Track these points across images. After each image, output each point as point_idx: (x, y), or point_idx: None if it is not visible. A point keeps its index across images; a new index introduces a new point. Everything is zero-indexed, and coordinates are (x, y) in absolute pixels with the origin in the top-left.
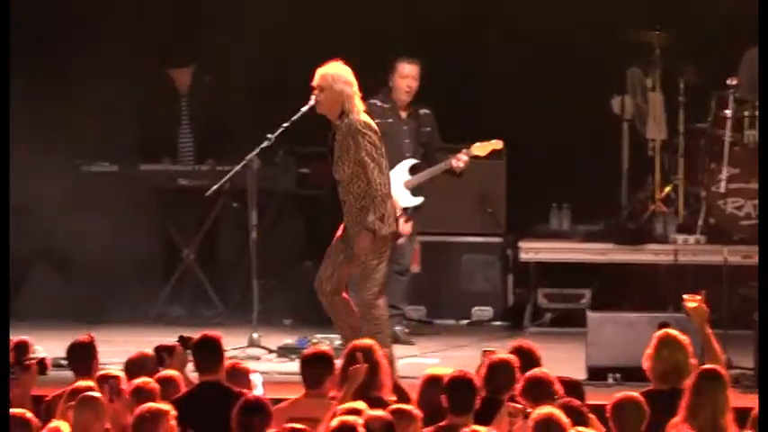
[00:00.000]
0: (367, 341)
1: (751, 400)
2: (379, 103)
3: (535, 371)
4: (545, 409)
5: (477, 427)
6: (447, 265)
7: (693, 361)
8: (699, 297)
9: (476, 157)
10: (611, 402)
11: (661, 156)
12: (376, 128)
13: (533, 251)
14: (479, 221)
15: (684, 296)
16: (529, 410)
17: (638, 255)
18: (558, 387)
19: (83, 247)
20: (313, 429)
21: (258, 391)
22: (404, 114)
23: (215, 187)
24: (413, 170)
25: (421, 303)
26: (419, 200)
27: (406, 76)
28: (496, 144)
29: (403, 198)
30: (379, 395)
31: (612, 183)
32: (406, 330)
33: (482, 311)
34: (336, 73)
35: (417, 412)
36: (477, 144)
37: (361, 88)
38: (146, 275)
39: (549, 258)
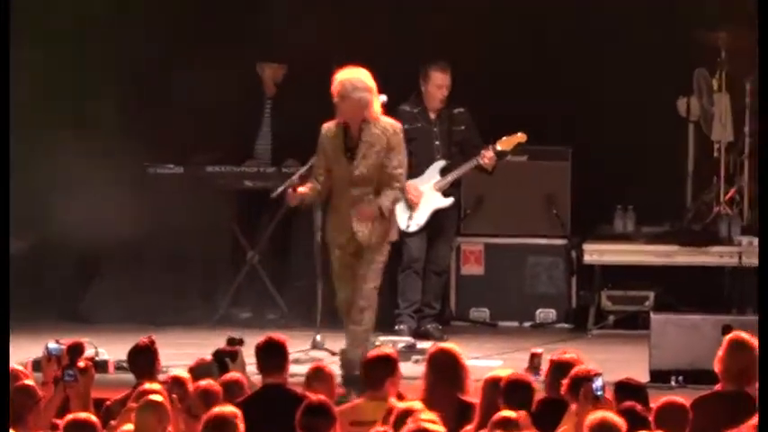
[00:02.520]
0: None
1: None
2: (408, 109)
3: (581, 368)
4: (599, 414)
5: None
6: (511, 267)
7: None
8: None
9: (502, 152)
10: (655, 406)
11: (726, 157)
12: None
13: (597, 253)
14: (544, 223)
15: None
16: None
17: (703, 257)
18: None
19: (149, 250)
20: None
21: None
22: (433, 116)
23: (280, 189)
24: (444, 172)
25: (485, 305)
26: (449, 200)
27: (441, 85)
28: (521, 137)
29: (434, 200)
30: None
31: (677, 184)
32: (439, 327)
33: (546, 313)
34: (354, 79)
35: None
36: (503, 138)
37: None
38: (211, 278)
39: (613, 260)
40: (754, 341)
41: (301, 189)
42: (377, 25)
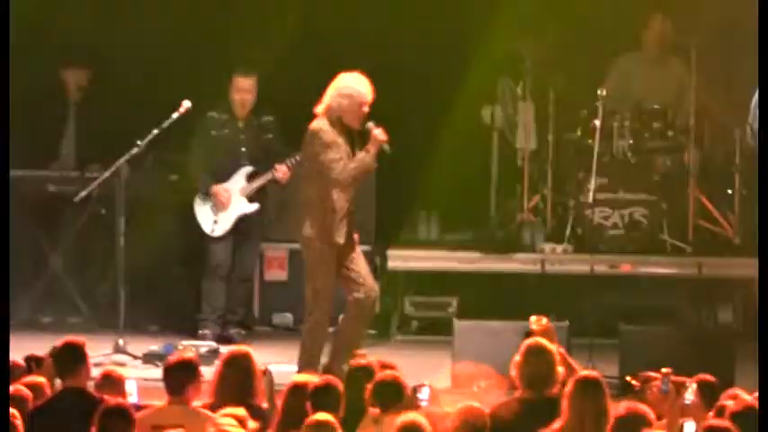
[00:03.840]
0: (244, 348)
1: (615, 408)
2: (216, 116)
3: (386, 373)
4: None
5: None
6: None
7: (561, 369)
8: (544, 320)
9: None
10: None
11: (530, 165)
12: None
13: (401, 259)
14: None
15: (531, 319)
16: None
17: (506, 264)
18: (409, 392)
19: None
20: None
21: (133, 398)
22: (241, 124)
23: (83, 193)
24: (250, 178)
25: (288, 311)
26: (255, 206)
27: (240, 89)
28: None
29: (240, 205)
30: (256, 403)
31: (481, 192)
32: (242, 332)
33: None
34: (338, 86)
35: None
36: None
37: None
38: (15, 282)
39: (417, 267)
40: (552, 347)
41: None
42: (182, 29)
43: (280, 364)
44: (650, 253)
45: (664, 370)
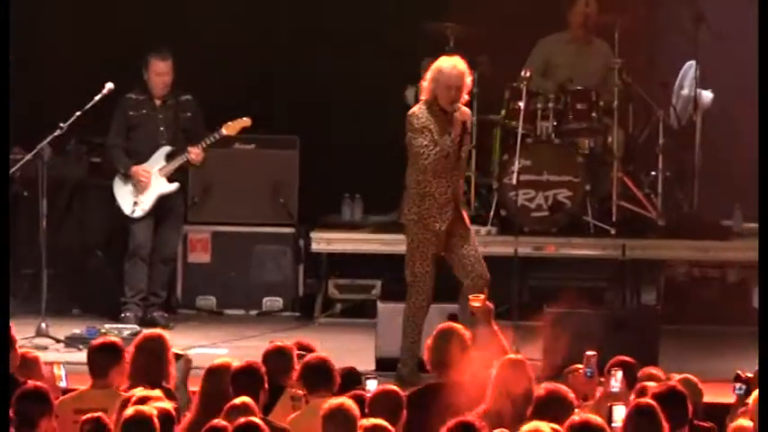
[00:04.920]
0: (157, 331)
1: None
2: (133, 96)
3: (313, 356)
4: (337, 400)
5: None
6: (238, 256)
7: (473, 353)
8: (482, 296)
9: (227, 136)
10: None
11: None
12: None
13: (325, 242)
14: (272, 212)
15: (469, 296)
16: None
17: None
18: (337, 374)
19: None
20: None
21: (62, 383)
22: (158, 103)
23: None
24: (169, 158)
25: (211, 293)
26: (175, 186)
27: (161, 73)
28: (246, 122)
29: (159, 185)
30: (168, 385)
31: (404, 173)
32: (165, 315)
33: (273, 302)
34: (431, 69)
35: None
36: (228, 123)
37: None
38: None
39: (341, 249)
40: (464, 331)
41: None
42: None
43: (203, 348)
44: (574, 235)
45: (588, 353)
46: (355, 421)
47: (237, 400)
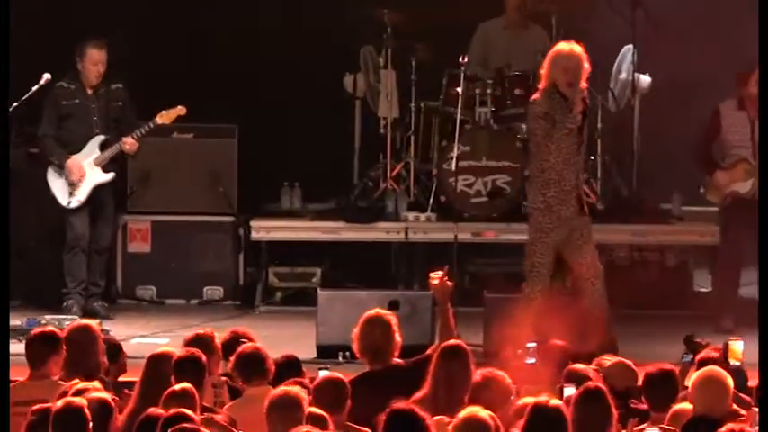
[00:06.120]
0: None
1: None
2: (65, 85)
3: (247, 345)
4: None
5: None
6: (178, 245)
7: (397, 340)
8: (441, 273)
9: (162, 125)
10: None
11: (393, 134)
12: None
13: (264, 230)
14: (211, 201)
15: (431, 273)
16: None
17: (369, 233)
18: (271, 364)
19: None
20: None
21: None
22: (90, 92)
23: None
24: (103, 147)
25: (151, 283)
26: (110, 176)
27: (97, 62)
28: (181, 110)
29: (94, 175)
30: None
31: (344, 161)
32: (105, 305)
33: (213, 291)
34: (551, 52)
35: None
36: (163, 112)
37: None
38: None
39: (281, 237)
40: (391, 317)
41: None
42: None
43: (144, 338)
44: (514, 220)
45: (529, 345)
46: (302, 409)
47: (177, 387)
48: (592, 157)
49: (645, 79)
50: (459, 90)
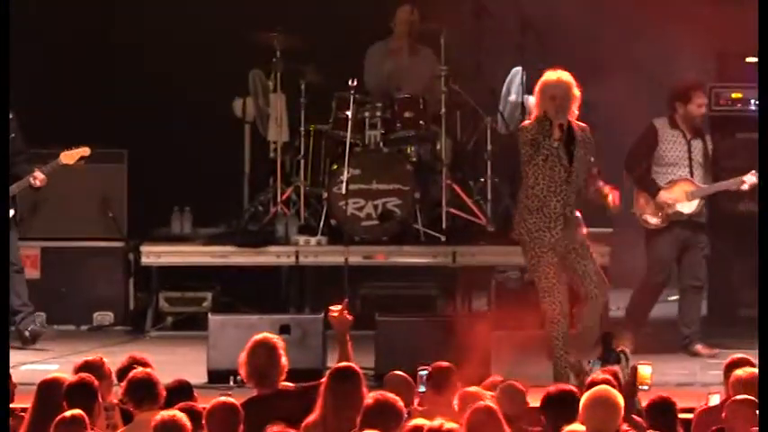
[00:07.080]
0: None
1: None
2: None
3: (138, 371)
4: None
5: None
6: (68, 271)
7: (284, 364)
8: (340, 307)
9: (65, 165)
10: (207, 408)
11: (282, 157)
12: None
13: (154, 255)
14: (101, 226)
15: (330, 307)
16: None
17: (260, 257)
18: (162, 389)
19: None
20: None
21: None
22: None
23: None
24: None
25: (42, 309)
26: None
27: None
28: (84, 151)
29: None
30: None
31: (234, 185)
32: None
33: (103, 316)
34: (539, 81)
35: None
36: (66, 152)
37: None
38: None
39: (171, 262)
40: (278, 341)
41: None
42: None
43: (34, 364)
44: (404, 243)
45: (421, 372)
46: None
47: (68, 413)
48: (482, 179)
49: (534, 100)
50: (349, 113)
